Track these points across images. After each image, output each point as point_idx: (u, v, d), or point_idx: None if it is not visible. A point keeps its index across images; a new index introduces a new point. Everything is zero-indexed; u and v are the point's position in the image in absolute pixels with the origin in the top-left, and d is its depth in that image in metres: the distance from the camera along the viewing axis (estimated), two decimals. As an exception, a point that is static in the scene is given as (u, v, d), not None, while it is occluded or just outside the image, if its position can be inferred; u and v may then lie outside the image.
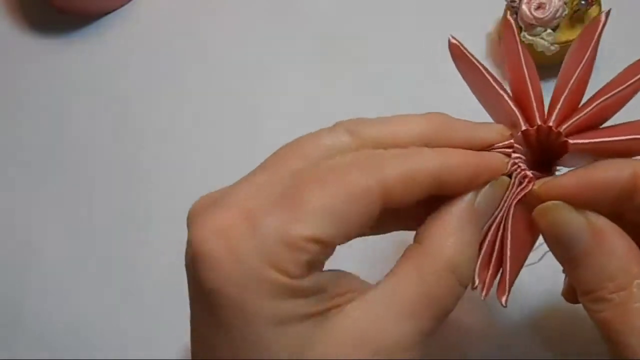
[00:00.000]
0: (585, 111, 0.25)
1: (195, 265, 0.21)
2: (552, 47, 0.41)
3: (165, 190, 0.44)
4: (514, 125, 0.25)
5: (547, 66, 0.44)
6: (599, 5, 0.42)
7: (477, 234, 0.24)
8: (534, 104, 0.25)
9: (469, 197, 0.23)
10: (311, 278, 0.21)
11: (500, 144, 0.24)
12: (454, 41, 0.26)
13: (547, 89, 0.27)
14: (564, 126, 0.25)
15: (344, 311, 0.21)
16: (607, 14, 0.26)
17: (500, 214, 0.24)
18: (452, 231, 0.23)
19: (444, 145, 0.23)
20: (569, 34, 0.41)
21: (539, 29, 0.41)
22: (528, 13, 0.41)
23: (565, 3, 0.41)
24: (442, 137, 0.23)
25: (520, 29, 0.41)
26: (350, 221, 0.21)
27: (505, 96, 0.25)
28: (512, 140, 0.25)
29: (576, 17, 0.41)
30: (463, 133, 0.24)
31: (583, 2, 0.40)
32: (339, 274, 0.22)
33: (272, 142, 0.47)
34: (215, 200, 0.22)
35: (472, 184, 0.23)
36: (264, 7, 0.49)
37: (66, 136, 0.47)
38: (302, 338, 0.21)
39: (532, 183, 0.24)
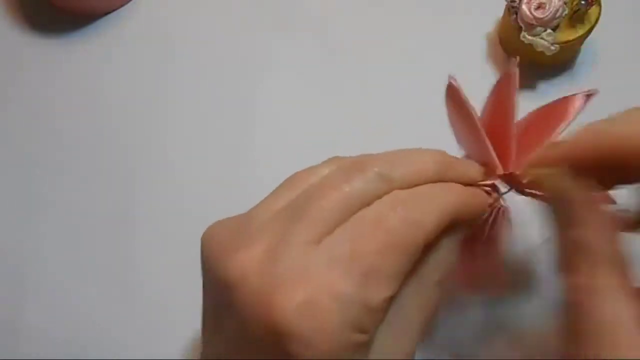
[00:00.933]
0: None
1: (283, 340, 0.22)
2: (552, 47, 0.41)
3: (165, 190, 0.44)
4: (488, 167, 0.29)
5: (547, 66, 0.44)
6: (599, 5, 0.42)
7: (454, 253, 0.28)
8: (513, 154, 0.29)
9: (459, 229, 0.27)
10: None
11: (485, 183, 0.28)
12: (454, 84, 0.29)
13: (547, 88, 0.27)
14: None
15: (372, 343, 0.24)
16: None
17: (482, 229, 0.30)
18: (445, 255, 0.26)
19: (448, 181, 0.26)
20: (569, 34, 0.41)
21: (539, 29, 0.41)
22: (528, 13, 0.40)
23: (565, 3, 0.41)
24: (447, 174, 0.26)
25: (520, 29, 0.41)
26: (408, 270, 0.24)
27: (489, 146, 0.28)
28: (494, 182, 0.29)
29: (576, 17, 0.41)
30: (459, 171, 0.27)
31: (583, 2, 0.40)
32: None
33: (271, 143, 0.47)
34: (272, 266, 0.23)
35: (472, 217, 0.27)
36: (263, 7, 0.49)
37: (66, 136, 0.47)
38: None
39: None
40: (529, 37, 0.41)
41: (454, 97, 0.30)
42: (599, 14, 0.41)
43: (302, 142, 0.43)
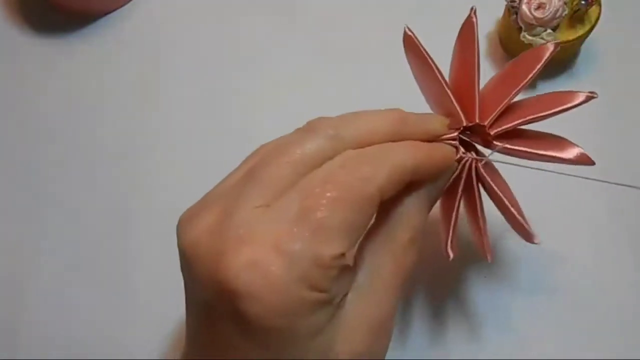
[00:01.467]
0: (515, 122, 0.29)
1: (233, 300, 0.22)
2: (552, 47, 0.41)
3: (165, 190, 0.44)
4: (453, 118, 0.29)
5: (547, 66, 0.44)
6: (599, 5, 0.42)
7: (429, 209, 0.28)
8: (477, 104, 0.29)
9: (428, 184, 0.27)
10: (335, 284, 0.23)
11: (448, 136, 0.28)
12: (409, 33, 0.29)
13: (547, 88, 0.27)
14: (495, 130, 0.29)
15: (346, 304, 0.24)
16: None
17: (454, 188, 0.29)
18: (415, 213, 0.27)
19: (406, 138, 0.26)
20: (569, 34, 0.41)
21: (539, 29, 0.41)
22: (528, 13, 0.40)
23: (565, 3, 0.41)
24: (404, 132, 0.26)
25: (520, 29, 0.41)
26: (362, 227, 0.24)
27: (451, 94, 0.29)
28: (457, 134, 0.28)
29: (576, 17, 0.41)
30: (418, 127, 0.27)
31: (583, 2, 0.40)
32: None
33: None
34: (221, 228, 0.23)
35: (436, 173, 0.27)
36: (263, 7, 0.49)
37: (65, 136, 0.47)
38: (329, 338, 0.24)
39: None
40: (529, 37, 0.41)
41: (412, 47, 0.29)
42: (599, 14, 0.41)
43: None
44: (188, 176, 0.44)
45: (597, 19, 0.41)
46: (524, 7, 0.41)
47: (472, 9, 0.30)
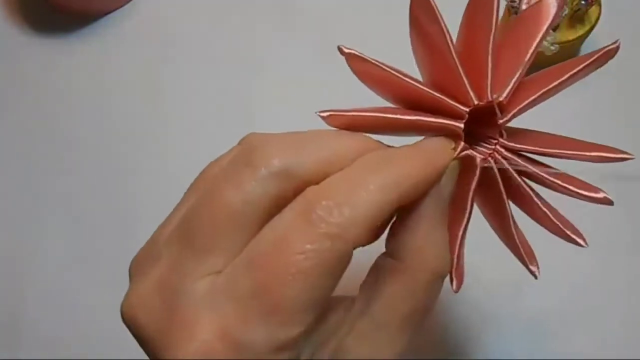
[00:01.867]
0: (527, 101, 0.23)
1: None
2: (552, 47, 0.41)
3: (165, 189, 0.44)
4: (462, 98, 0.22)
5: (547, 66, 0.44)
6: (599, 5, 0.42)
7: (446, 224, 0.22)
8: (488, 80, 0.23)
9: (434, 194, 0.21)
10: (309, 342, 0.20)
11: (452, 124, 0.22)
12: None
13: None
14: (505, 117, 0.23)
15: (344, 347, 0.20)
16: None
17: (463, 198, 0.23)
18: (432, 238, 0.21)
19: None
20: (569, 34, 0.41)
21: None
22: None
23: (565, 3, 0.41)
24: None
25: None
26: (329, 292, 0.19)
27: (462, 71, 0.22)
28: (463, 122, 0.22)
29: (576, 17, 0.41)
30: (400, 167, 0.20)
31: (583, 2, 0.40)
32: (334, 307, 0.21)
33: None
34: (163, 306, 0.19)
35: (428, 189, 0.21)
36: (263, 7, 0.49)
37: (66, 135, 0.47)
38: None
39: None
40: (529, 37, 0.41)
41: (427, 8, 0.22)
42: (599, 14, 0.41)
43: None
44: (189, 175, 0.44)
45: (597, 19, 0.41)
46: (524, 7, 0.41)
47: None
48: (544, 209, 0.25)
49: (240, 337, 0.18)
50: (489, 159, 0.23)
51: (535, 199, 0.25)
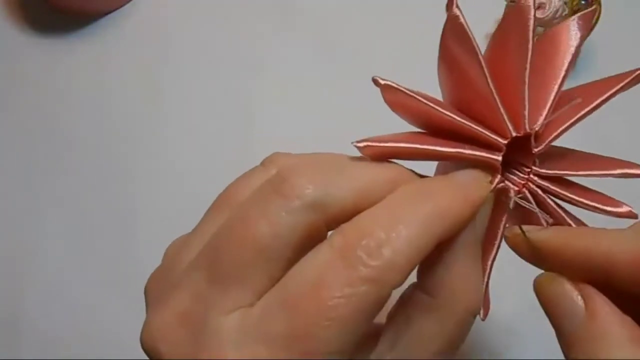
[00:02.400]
0: (561, 128, 0.23)
1: None
2: (552, 47, 0.41)
3: (165, 189, 0.44)
4: (498, 129, 0.22)
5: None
6: (599, 5, 0.41)
7: (480, 260, 0.21)
8: (526, 111, 0.22)
9: (470, 230, 0.20)
10: None
11: (490, 157, 0.22)
12: (457, 12, 0.22)
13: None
14: (540, 145, 0.23)
15: None
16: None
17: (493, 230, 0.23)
18: (465, 274, 0.20)
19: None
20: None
21: (539, 28, 0.41)
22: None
23: (565, 3, 0.41)
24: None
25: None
26: (362, 334, 0.18)
27: (499, 101, 0.22)
28: (501, 155, 0.22)
29: (576, 17, 0.41)
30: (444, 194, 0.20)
31: (583, 2, 0.40)
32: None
33: (270, 142, 0.47)
34: (189, 344, 0.19)
35: (464, 224, 0.20)
36: (263, 7, 0.49)
37: (66, 135, 0.47)
38: None
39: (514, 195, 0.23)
40: (529, 37, 0.41)
41: (456, 32, 0.22)
42: (599, 14, 0.41)
43: (302, 142, 0.43)
44: (189, 175, 0.44)
45: (597, 19, 0.41)
46: (524, 7, 0.41)
47: None
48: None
49: None
50: (524, 189, 0.23)
51: (568, 219, 0.24)
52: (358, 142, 0.21)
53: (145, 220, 0.43)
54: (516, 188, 0.23)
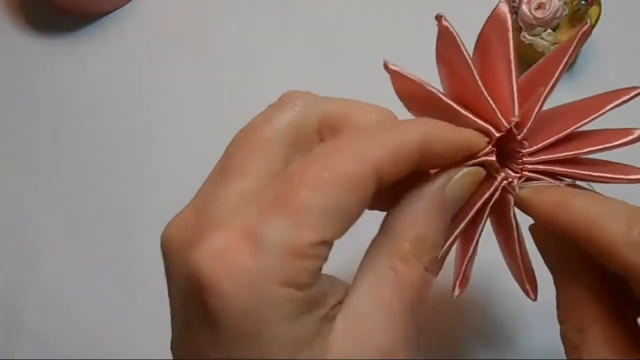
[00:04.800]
0: (555, 137, 0.25)
1: (199, 294, 0.19)
2: (552, 47, 0.41)
3: (165, 189, 0.44)
4: (492, 123, 0.24)
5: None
6: (599, 5, 0.41)
7: (444, 222, 0.23)
8: (515, 106, 0.24)
9: (438, 182, 0.22)
10: (318, 284, 0.20)
11: (482, 152, 0.24)
12: (445, 24, 0.24)
13: (547, 89, 0.27)
14: (534, 158, 0.25)
15: (335, 324, 0.20)
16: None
17: (473, 212, 0.24)
18: (415, 218, 0.22)
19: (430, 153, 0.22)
20: (569, 34, 0.41)
21: (539, 29, 0.41)
22: (528, 13, 0.40)
23: (565, 3, 0.41)
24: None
25: (520, 29, 0.41)
26: (352, 212, 0.20)
27: (487, 94, 0.24)
28: (493, 144, 0.24)
29: (576, 17, 0.41)
30: (447, 134, 0.22)
31: (583, 2, 0.40)
32: (328, 277, 0.21)
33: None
34: (195, 221, 0.20)
35: (453, 158, 0.23)
36: (263, 7, 0.49)
37: (66, 136, 0.47)
38: (312, 353, 0.19)
39: (511, 185, 0.25)
40: (529, 37, 0.41)
41: (446, 34, 0.24)
42: (599, 14, 0.41)
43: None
44: (188, 174, 0.44)
45: (597, 19, 0.41)
46: (524, 7, 0.41)
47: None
48: (518, 247, 0.26)
49: (261, 234, 0.18)
50: (524, 173, 0.25)
51: (515, 233, 0.26)
52: (390, 63, 0.24)
53: (145, 220, 0.43)
54: (517, 175, 0.25)
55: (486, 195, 0.24)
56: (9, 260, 0.43)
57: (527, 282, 0.27)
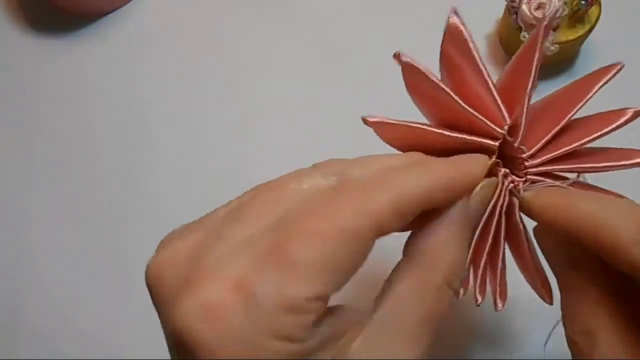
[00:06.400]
0: (551, 133, 0.25)
1: (189, 349, 0.18)
2: (552, 47, 0.41)
3: (165, 189, 0.44)
4: (495, 125, 0.24)
5: (547, 66, 0.44)
6: (599, 5, 0.41)
7: (469, 240, 0.23)
8: (503, 111, 0.24)
9: (459, 205, 0.22)
10: (316, 333, 0.19)
11: (486, 142, 0.23)
12: (453, 21, 0.24)
13: (547, 88, 0.27)
14: (536, 160, 0.25)
15: (349, 353, 0.20)
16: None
17: (490, 219, 0.24)
18: (446, 244, 0.21)
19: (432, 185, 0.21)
20: (569, 34, 0.41)
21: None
22: (528, 13, 0.40)
23: (565, 3, 0.41)
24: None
25: (520, 29, 0.41)
26: (350, 266, 0.19)
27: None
28: (498, 143, 0.24)
29: (576, 17, 0.41)
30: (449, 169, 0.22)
31: (583, 2, 0.40)
32: (335, 312, 0.20)
33: (270, 141, 0.47)
34: (188, 264, 0.20)
35: (459, 195, 0.22)
36: (263, 7, 0.49)
37: (66, 135, 0.47)
38: None
39: (518, 189, 0.24)
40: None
41: (455, 35, 0.24)
42: (599, 14, 0.41)
43: (302, 143, 0.43)
44: (188, 175, 0.44)
45: (597, 19, 0.41)
46: (524, 7, 0.41)
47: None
48: (528, 250, 0.26)
49: (252, 287, 0.18)
50: (527, 177, 0.24)
51: (523, 236, 0.25)
52: (369, 117, 0.23)
53: (145, 220, 0.43)
54: (522, 179, 0.24)
55: (498, 204, 0.24)
56: (9, 260, 0.43)
57: (541, 284, 0.27)
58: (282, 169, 0.28)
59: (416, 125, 0.23)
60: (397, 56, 0.23)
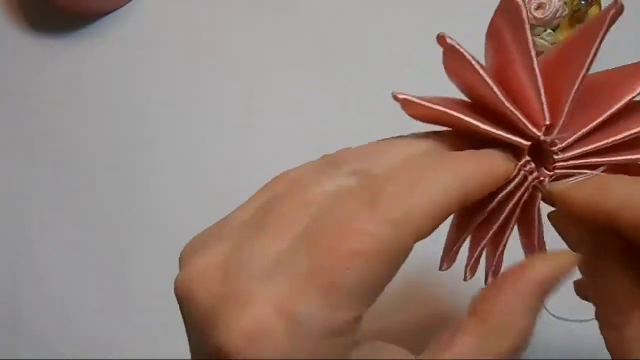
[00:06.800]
0: (588, 127, 0.23)
1: None
2: (552, 47, 0.41)
3: (165, 191, 0.44)
4: (532, 125, 0.22)
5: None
6: (599, 5, 0.41)
7: (539, 310, 0.21)
8: (545, 112, 0.22)
9: (536, 274, 0.21)
10: (352, 354, 0.19)
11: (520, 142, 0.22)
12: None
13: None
14: (568, 154, 0.23)
15: None
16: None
17: (502, 205, 0.23)
18: (520, 313, 0.20)
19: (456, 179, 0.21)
20: (569, 34, 0.41)
21: (539, 29, 0.41)
22: (528, 13, 0.40)
23: (565, 3, 0.41)
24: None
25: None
26: (388, 280, 0.19)
27: (543, 94, 0.22)
28: (526, 158, 0.22)
29: (576, 17, 0.41)
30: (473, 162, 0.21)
31: (583, 2, 0.40)
32: (375, 346, 0.20)
33: (270, 141, 0.47)
34: (224, 280, 0.19)
35: (481, 196, 0.21)
36: (264, 8, 0.49)
37: (66, 135, 0.47)
38: None
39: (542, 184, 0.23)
40: (529, 37, 0.41)
41: (510, 13, 0.22)
42: (599, 14, 0.41)
43: (302, 143, 0.43)
44: (188, 176, 0.44)
45: (597, 18, 0.41)
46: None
47: None
48: (537, 241, 0.25)
49: (297, 313, 0.18)
50: (555, 171, 0.23)
51: (536, 229, 0.25)
52: (398, 93, 0.22)
53: (145, 220, 0.43)
54: (550, 173, 0.23)
55: (516, 195, 0.23)
56: (9, 260, 0.43)
57: None
58: (282, 169, 0.28)
59: (451, 112, 0.22)
60: (441, 37, 0.22)
